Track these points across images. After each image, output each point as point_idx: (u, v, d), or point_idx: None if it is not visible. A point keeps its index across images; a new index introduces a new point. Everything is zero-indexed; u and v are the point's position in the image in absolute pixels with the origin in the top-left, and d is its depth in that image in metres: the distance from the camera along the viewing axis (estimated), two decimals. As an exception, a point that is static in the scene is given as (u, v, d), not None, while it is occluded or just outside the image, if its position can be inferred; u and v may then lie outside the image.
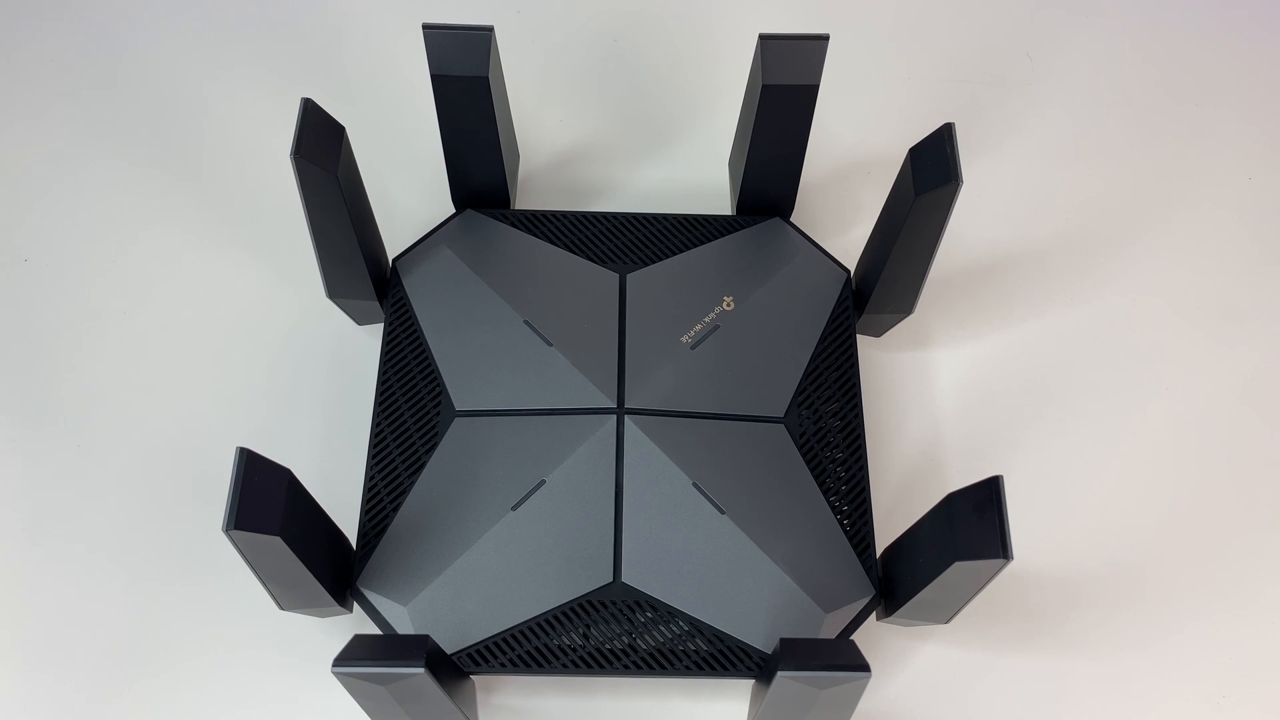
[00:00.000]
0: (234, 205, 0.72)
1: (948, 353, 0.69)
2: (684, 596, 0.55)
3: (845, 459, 0.59)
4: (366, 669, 0.42)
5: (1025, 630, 0.61)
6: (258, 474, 0.45)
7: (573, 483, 0.57)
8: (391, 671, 0.42)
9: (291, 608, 0.53)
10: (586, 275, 0.64)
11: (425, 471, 0.58)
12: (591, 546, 0.56)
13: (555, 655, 0.54)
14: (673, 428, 0.59)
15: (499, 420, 0.59)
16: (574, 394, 0.59)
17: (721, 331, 0.62)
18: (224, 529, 0.43)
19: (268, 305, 0.69)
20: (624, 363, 0.60)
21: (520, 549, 0.55)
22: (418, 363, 0.61)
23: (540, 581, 0.55)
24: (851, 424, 0.60)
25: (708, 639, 0.54)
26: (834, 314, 0.63)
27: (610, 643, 0.54)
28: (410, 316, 0.63)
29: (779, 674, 0.42)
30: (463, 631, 0.54)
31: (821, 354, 0.62)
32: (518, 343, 0.61)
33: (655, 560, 0.56)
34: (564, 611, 0.55)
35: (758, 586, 0.55)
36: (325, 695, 0.58)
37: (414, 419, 0.59)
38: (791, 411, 0.60)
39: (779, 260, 0.64)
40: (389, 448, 0.59)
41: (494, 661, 0.53)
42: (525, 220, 0.66)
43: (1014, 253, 0.73)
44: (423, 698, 0.44)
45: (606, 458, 0.58)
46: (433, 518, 0.56)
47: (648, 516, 0.56)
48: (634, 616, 0.55)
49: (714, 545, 0.56)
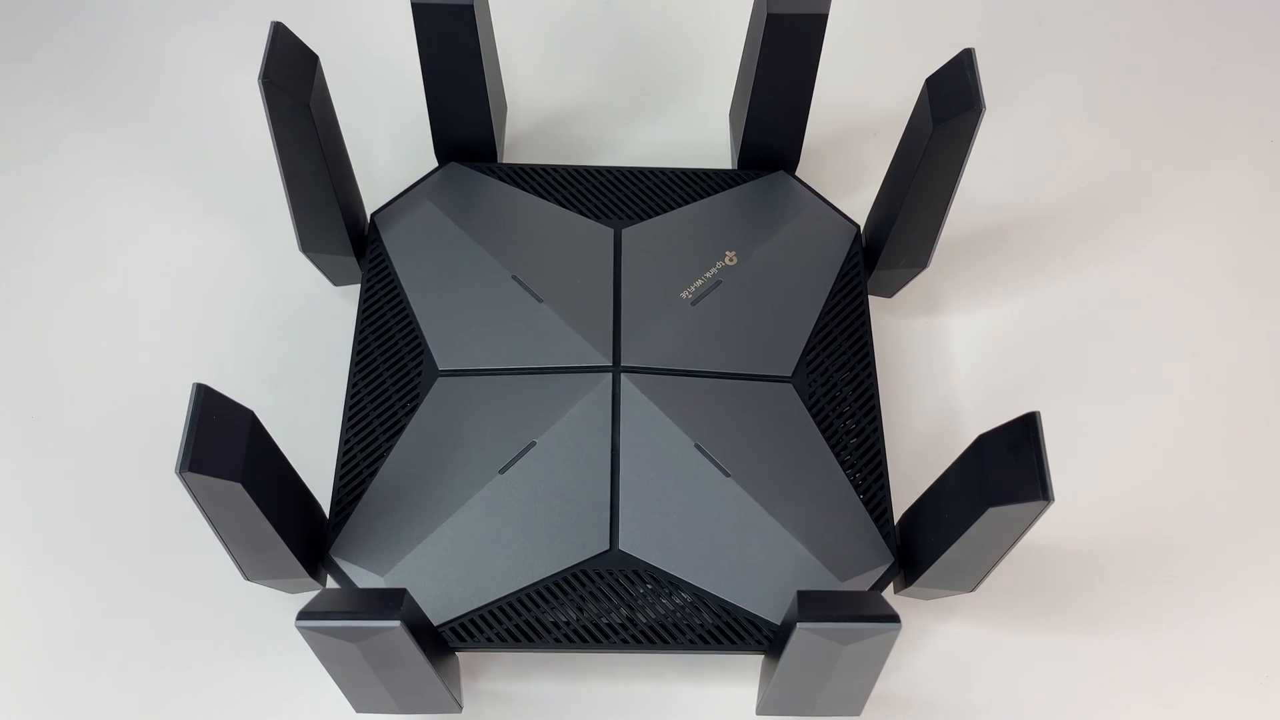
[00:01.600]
0: (203, 167, 0.68)
1: (961, 318, 0.65)
2: (686, 565, 0.51)
3: (858, 420, 0.55)
4: (334, 623, 0.37)
5: (1051, 607, 0.57)
6: (217, 413, 0.40)
7: (565, 445, 0.53)
8: (362, 625, 0.37)
9: (258, 577, 0.49)
10: (579, 230, 0.60)
11: (405, 434, 0.54)
12: (586, 512, 0.51)
13: (547, 629, 0.49)
14: (673, 387, 0.54)
15: (485, 380, 0.55)
16: (566, 352, 0.55)
17: (724, 287, 0.58)
18: (177, 470, 0.39)
19: (238, 269, 0.65)
20: (620, 319, 0.56)
21: (509, 515, 0.51)
22: (397, 321, 0.57)
23: (531, 550, 0.50)
24: (864, 384, 0.56)
25: (713, 611, 0.50)
26: (843, 270, 0.59)
27: (607, 616, 0.50)
28: (390, 273, 0.58)
29: (798, 627, 0.38)
30: (446, 603, 0.49)
31: (831, 311, 0.58)
32: (505, 299, 0.57)
33: (655, 527, 0.51)
34: (557, 582, 0.50)
35: (766, 554, 0.51)
36: (292, 676, 0.53)
37: (393, 380, 0.55)
38: (800, 371, 0.56)
39: (784, 214, 0.61)
40: (366, 410, 0.54)
41: (480, 636, 0.49)
42: (513, 174, 0.62)
43: (1027, 216, 0.69)
44: (397, 659, 0.40)
45: (601, 418, 0.53)
46: (413, 482, 0.52)
47: (646, 480, 0.52)
48: (633, 587, 0.50)
49: (718, 510, 0.51)
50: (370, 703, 0.46)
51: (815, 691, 0.44)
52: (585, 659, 0.55)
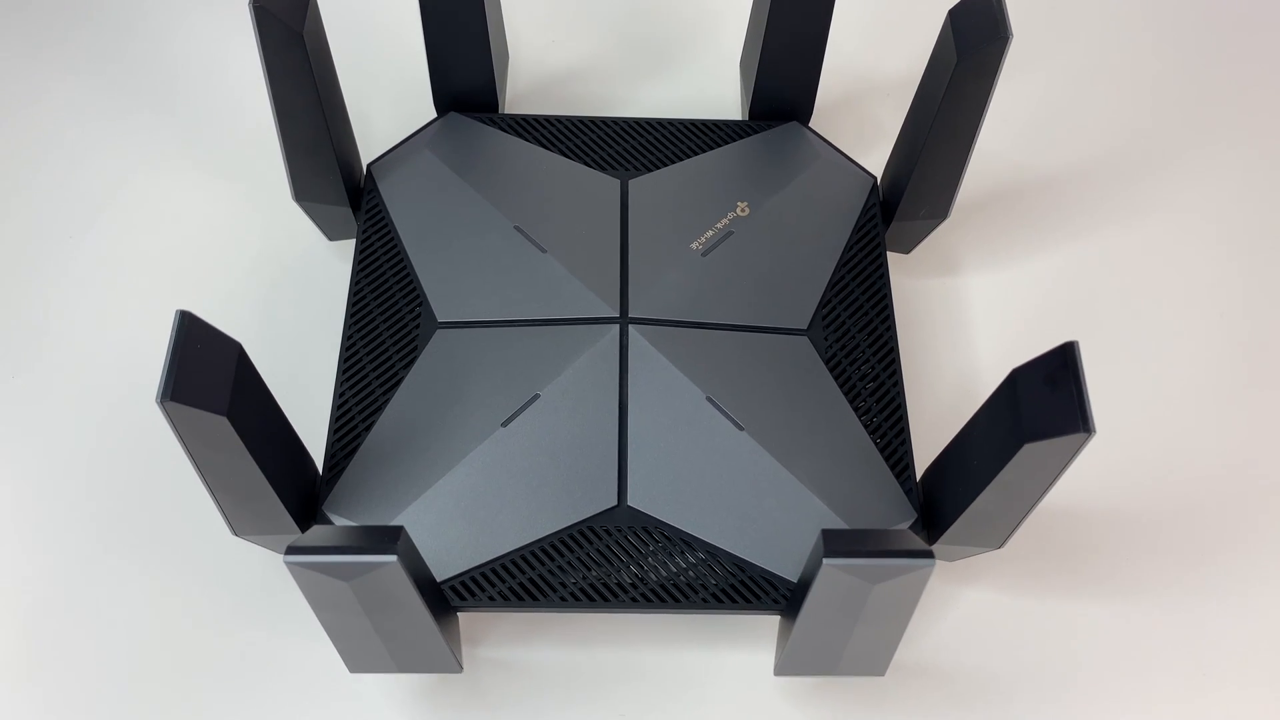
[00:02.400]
0: (192, 124, 0.66)
1: (980, 278, 0.63)
2: (699, 521, 0.48)
3: (877, 375, 0.52)
4: (325, 559, 0.34)
5: (1080, 573, 0.54)
6: (202, 342, 0.38)
7: (571, 397, 0.50)
8: (356, 561, 0.34)
9: (246, 532, 0.46)
10: (584, 181, 0.57)
11: (402, 387, 0.51)
12: (593, 467, 0.49)
13: (553, 588, 0.47)
14: (683, 339, 0.52)
15: (486, 331, 0.52)
16: (571, 303, 0.52)
17: (735, 238, 0.55)
18: (158, 400, 0.36)
19: (229, 228, 0.62)
20: (627, 270, 0.54)
21: (512, 469, 0.48)
22: (395, 273, 0.54)
23: (535, 505, 0.48)
24: (883, 338, 0.53)
25: (726, 569, 0.47)
26: (860, 222, 0.57)
27: (615, 574, 0.47)
28: (387, 224, 0.56)
29: (824, 564, 0.35)
30: (447, 560, 0.47)
31: (847, 264, 0.55)
32: (507, 250, 0.54)
33: (665, 482, 0.49)
34: (562, 539, 0.48)
35: (782, 509, 0.48)
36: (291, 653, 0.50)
37: (390, 333, 0.53)
38: (815, 324, 0.53)
39: (797, 165, 0.58)
40: (361, 363, 0.52)
41: (482, 595, 0.46)
42: (515, 124, 0.60)
43: (1046, 176, 0.67)
44: (394, 603, 0.37)
45: (609, 370, 0.51)
46: (411, 435, 0.49)
47: (656, 434, 0.49)
48: (642, 544, 0.48)
49: (732, 465, 0.49)
50: (366, 660, 0.43)
51: (839, 646, 0.42)
52: (591, 624, 0.52)
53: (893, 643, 0.41)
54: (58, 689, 0.49)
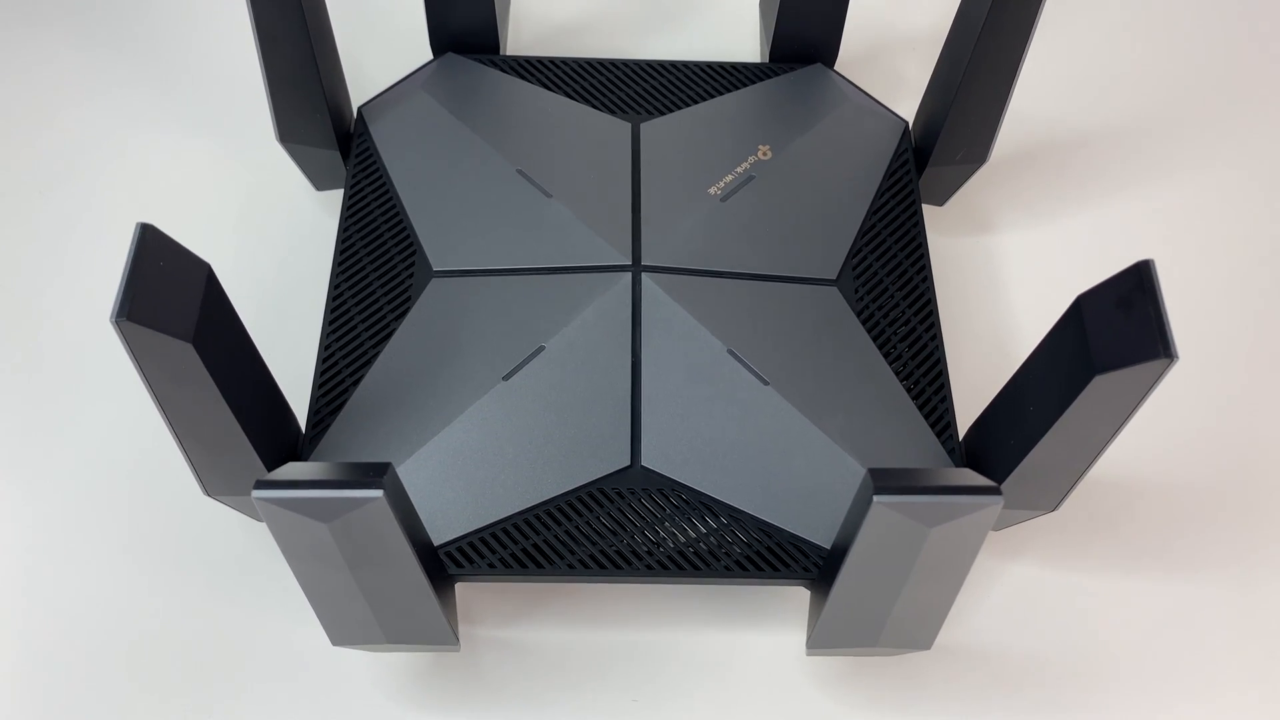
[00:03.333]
0: (171, 77, 0.62)
1: (1016, 236, 0.59)
2: (719, 483, 0.43)
3: (913, 328, 0.48)
4: (299, 494, 0.30)
5: (1134, 547, 0.50)
6: (166, 259, 0.33)
7: (579, 349, 0.46)
8: (335, 497, 0.30)
9: (219, 491, 0.42)
10: (592, 124, 0.53)
11: (394, 339, 0.47)
12: (604, 424, 0.44)
13: (559, 555, 0.42)
14: (701, 288, 0.47)
15: (486, 280, 0.48)
16: (579, 250, 0.48)
17: (757, 183, 0.51)
18: (113, 318, 0.32)
19: (211, 184, 0.58)
20: (639, 216, 0.49)
21: (514, 426, 0.44)
22: (386, 220, 0.50)
23: (540, 465, 0.43)
24: (919, 289, 0.49)
25: (751, 534, 0.43)
26: (891, 168, 0.53)
27: (628, 540, 0.42)
28: (378, 168, 0.52)
29: (874, 502, 0.31)
30: (443, 524, 0.42)
31: (878, 211, 0.51)
32: (509, 195, 0.50)
33: (682, 440, 0.44)
34: (570, 502, 0.43)
35: (812, 469, 0.43)
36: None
37: (381, 283, 0.48)
38: (845, 274, 0.49)
39: (823, 108, 0.54)
40: (350, 313, 0.47)
41: (481, 562, 0.42)
42: (518, 66, 0.55)
43: (1083, 133, 0.63)
44: (380, 552, 0.32)
45: (620, 321, 0.46)
46: (403, 389, 0.45)
47: (672, 389, 0.45)
48: (657, 508, 0.43)
49: (756, 422, 0.44)
50: (351, 630, 0.38)
51: (882, 613, 0.37)
52: (601, 599, 0.47)
53: (943, 608, 0.37)
54: (12, 675, 0.45)
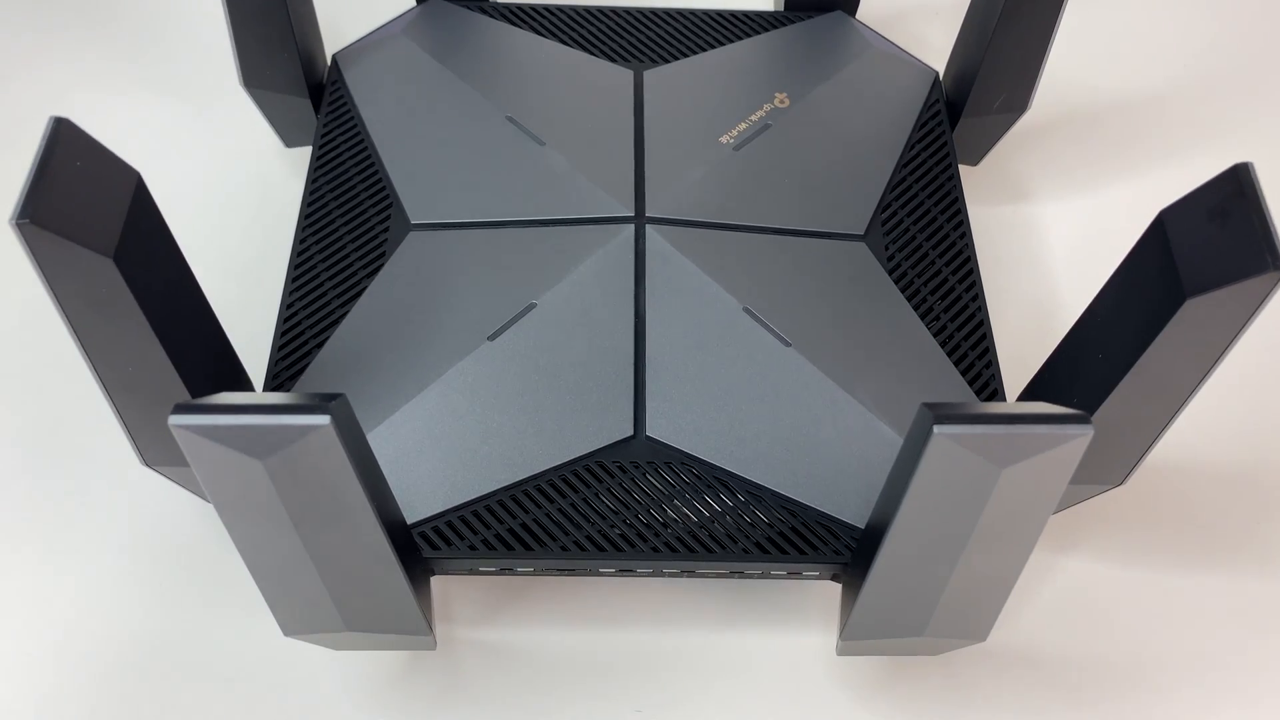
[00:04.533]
0: (134, 38, 0.57)
1: (1056, 206, 0.54)
2: (735, 455, 0.38)
3: (951, 286, 0.43)
4: (225, 420, 0.24)
5: (1201, 539, 0.44)
6: (85, 159, 0.28)
7: (575, 307, 0.40)
8: (268, 425, 0.24)
9: (158, 461, 0.36)
10: (591, 71, 0.48)
11: (365, 296, 0.41)
12: (603, 389, 0.39)
13: (551, 536, 0.36)
14: (713, 242, 0.42)
15: (469, 234, 0.42)
16: (575, 201, 0.43)
17: (774, 132, 0.46)
18: (11, 220, 0.26)
19: (173, 149, 0.53)
20: (643, 165, 0.44)
21: (500, 391, 0.38)
22: (360, 172, 0.45)
23: (529, 435, 0.38)
24: (957, 246, 0.44)
25: (774, 513, 0.37)
26: (922, 118, 0.47)
27: (630, 520, 0.37)
28: (352, 117, 0.46)
29: (935, 434, 0.25)
30: (417, 500, 0.36)
31: (908, 164, 0.46)
32: (497, 143, 0.45)
33: (693, 408, 0.38)
34: (563, 476, 0.37)
35: (842, 439, 0.38)
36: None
37: (353, 238, 0.43)
38: (874, 229, 0.44)
39: (845, 56, 0.49)
40: (316, 270, 0.42)
41: (461, 544, 0.36)
42: (509, 13, 0.50)
43: (1125, 100, 0.58)
44: (328, 498, 0.26)
45: (621, 277, 0.41)
46: (374, 351, 0.39)
47: (681, 350, 0.40)
48: (664, 483, 0.37)
49: (776, 387, 0.39)
50: (304, 615, 0.32)
51: (933, 591, 0.31)
52: (598, 598, 0.41)
53: (1007, 582, 0.31)
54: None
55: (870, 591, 0.31)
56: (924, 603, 0.32)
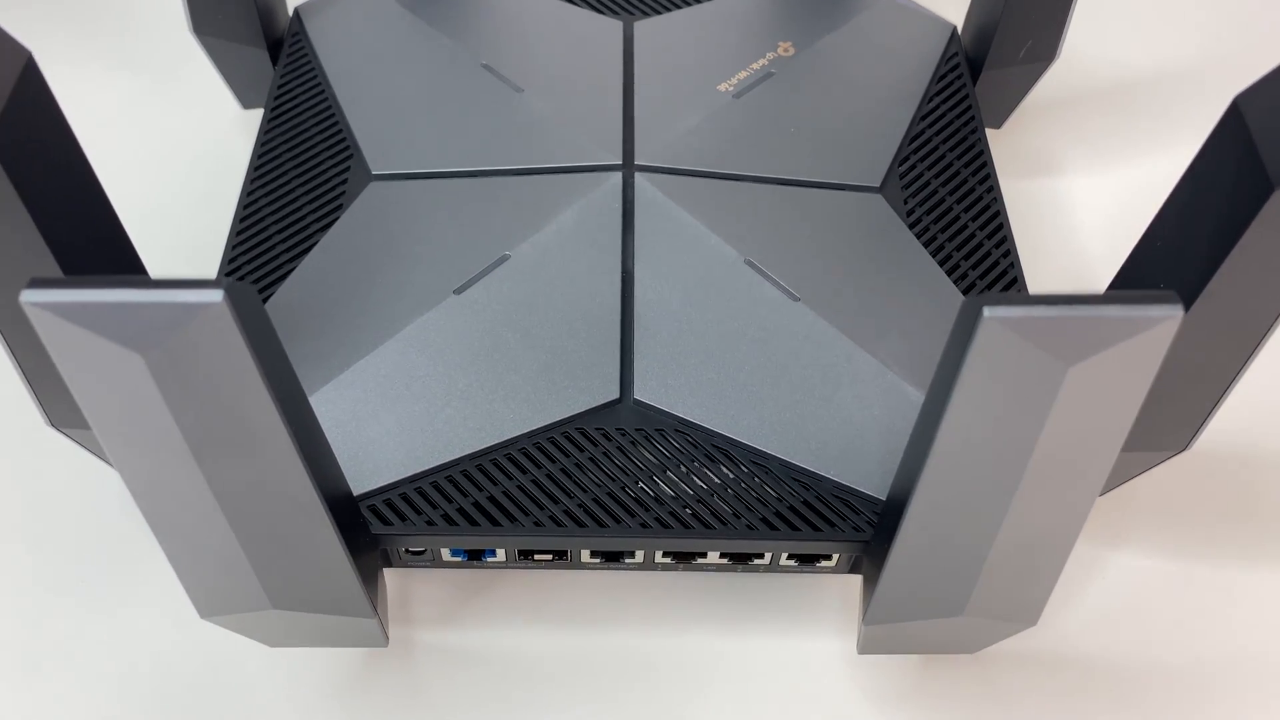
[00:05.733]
0: (90, 13, 0.53)
1: (1086, 180, 0.49)
2: (737, 420, 0.33)
3: (980, 243, 0.38)
4: (92, 296, 0.18)
5: (1260, 535, 0.39)
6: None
7: (553, 259, 0.36)
8: (146, 302, 0.19)
9: (65, 422, 0.31)
10: (577, 22, 0.44)
11: (317, 249, 0.36)
12: (584, 346, 0.34)
13: (522, 509, 0.31)
14: (709, 191, 0.38)
15: (437, 184, 0.38)
16: (554, 149, 0.38)
17: (777, 81, 0.41)
18: None
19: (125, 117, 0.49)
20: (632, 111, 0.40)
21: (467, 349, 0.33)
22: (318, 121, 0.40)
23: (500, 398, 0.33)
24: (985, 202, 0.39)
25: (785, 485, 0.32)
26: (939, 71, 0.43)
27: (615, 491, 0.32)
28: (312, 66, 0.42)
29: (985, 317, 0.20)
30: (367, 468, 0.31)
31: (927, 116, 0.42)
32: (470, 91, 0.40)
33: (687, 367, 0.34)
34: (539, 444, 0.32)
35: (860, 402, 0.33)
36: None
37: (306, 189, 0.38)
38: (890, 181, 0.39)
39: (854, 7, 0.45)
40: (264, 223, 0.37)
41: (418, 519, 0.31)
42: (488, -36, 0.46)
43: (1153, 73, 0.54)
44: (232, 409, 0.21)
45: (606, 227, 0.36)
46: (325, 304, 0.35)
47: (674, 305, 0.35)
48: (656, 452, 0.32)
49: (783, 345, 0.34)
50: (221, 590, 0.27)
51: (977, 551, 0.26)
52: (577, 595, 0.36)
53: (1066, 544, 0.25)
54: None
55: (900, 557, 0.26)
56: (964, 571, 0.26)
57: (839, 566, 0.34)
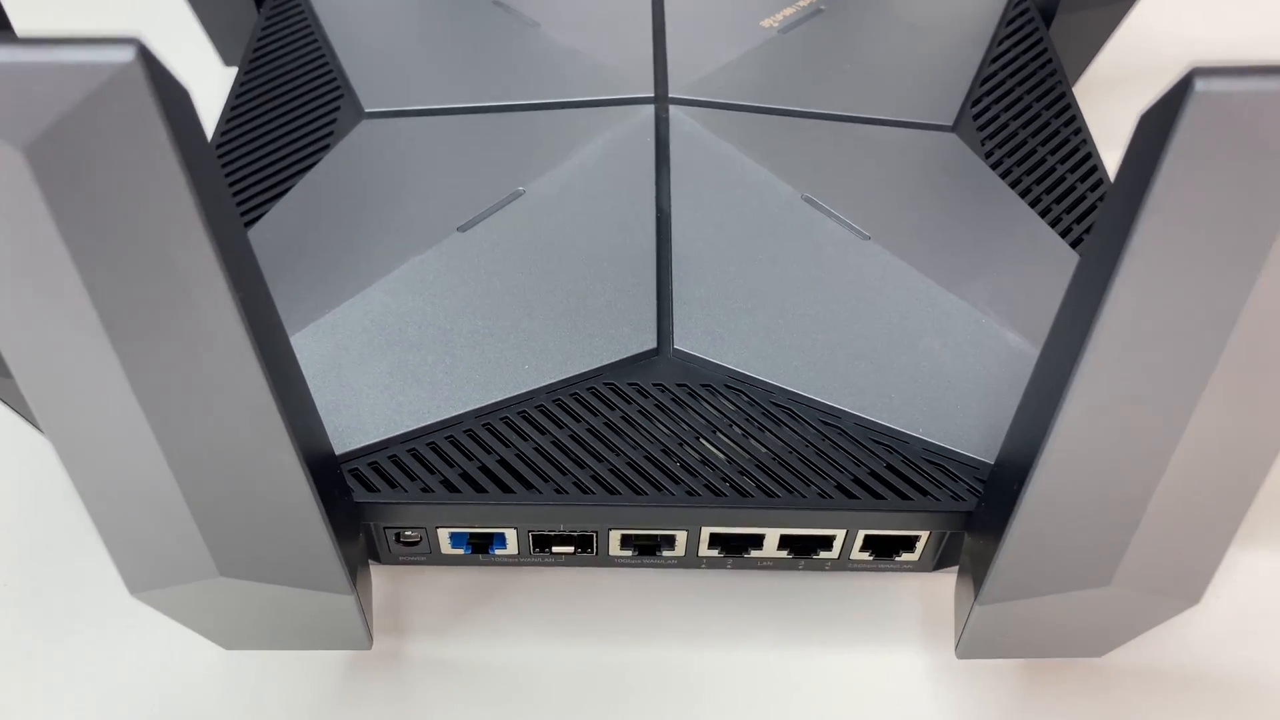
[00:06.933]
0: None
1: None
2: (800, 372, 0.27)
3: (1072, 186, 0.32)
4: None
5: None
6: None
7: (574, 195, 0.30)
8: (25, 62, 0.13)
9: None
10: (599, -40, 0.39)
11: (299, 187, 0.31)
12: (613, 292, 0.28)
13: (542, 475, 0.25)
14: (758, 126, 0.33)
15: (438, 121, 0.33)
16: (574, 83, 0.33)
17: (827, 17, 0.37)
18: None
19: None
20: (664, 46, 0.35)
21: (474, 293, 0.28)
22: (306, 62, 0.36)
23: (513, 348, 0.27)
24: (1074, 145, 0.34)
25: (862, 447, 0.26)
26: (1008, 15, 0.38)
27: (657, 454, 0.26)
28: (300, 7, 0.37)
29: (1197, 90, 0.14)
30: (353, 426, 0.25)
31: (998, 59, 0.36)
32: (479, 26, 0.36)
33: (738, 313, 0.28)
34: (559, 400, 0.26)
35: (949, 351, 0.27)
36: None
37: (286, 129, 0.33)
38: (964, 121, 0.34)
39: (907, -53, 0.40)
40: (237, 161, 0.32)
41: (412, 484, 0.25)
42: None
43: (1223, 51, 0.49)
44: (136, 226, 0.15)
45: (637, 162, 0.31)
46: (307, 244, 0.29)
47: (718, 245, 0.29)
48: (705, 409, 0.26)
49: (852, 289, 0.28)
50: (153, 555, 0.21)
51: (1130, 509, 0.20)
52: (602, 604, 0.30)
53: (1252, 484, 0.19)
54: None
55: (1031, 508, 0.20)
56: (1115, 526, 0.20)
57: (922, 561, 0.28)
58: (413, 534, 0.27)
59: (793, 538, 0.27)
